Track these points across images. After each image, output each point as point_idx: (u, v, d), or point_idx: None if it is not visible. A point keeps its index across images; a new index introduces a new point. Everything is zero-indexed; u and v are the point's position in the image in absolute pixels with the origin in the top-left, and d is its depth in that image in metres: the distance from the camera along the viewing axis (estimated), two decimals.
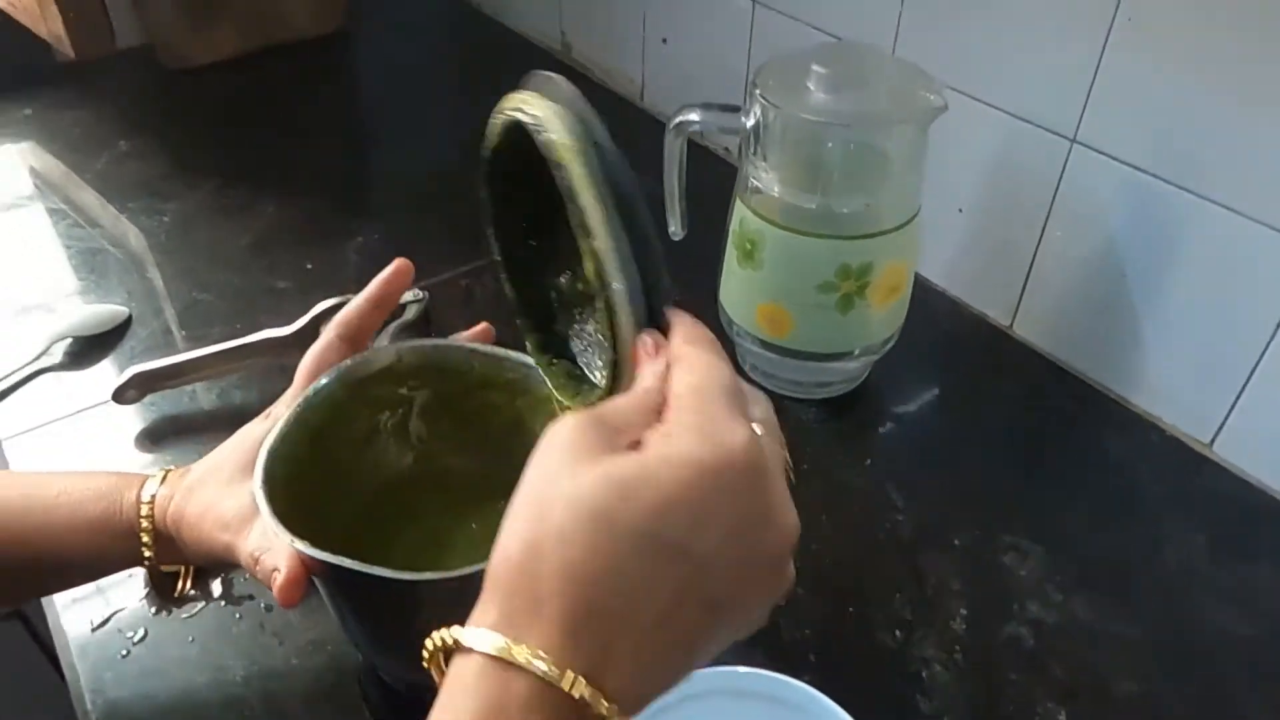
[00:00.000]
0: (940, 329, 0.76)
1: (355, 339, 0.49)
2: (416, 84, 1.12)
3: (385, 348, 0.47)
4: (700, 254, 0.68)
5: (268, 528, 0.38)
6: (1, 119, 1.01)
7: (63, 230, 0.85)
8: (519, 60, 1.18)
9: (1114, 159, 0.63)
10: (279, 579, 0.40)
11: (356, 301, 0.50)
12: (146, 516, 0.45)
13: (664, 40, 0.98)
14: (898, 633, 0.53)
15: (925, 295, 0.78)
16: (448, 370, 0.48)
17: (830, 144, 0.55)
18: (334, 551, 0.45)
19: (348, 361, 0.46)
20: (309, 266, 0.80)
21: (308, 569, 0.40)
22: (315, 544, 0.44)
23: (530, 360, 0.46)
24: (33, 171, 0.94)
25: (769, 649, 0.52)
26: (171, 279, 0.79)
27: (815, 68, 0.56)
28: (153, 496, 0.46)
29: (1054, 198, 0.67)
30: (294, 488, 0.42)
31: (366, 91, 1.14)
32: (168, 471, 0.47)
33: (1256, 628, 0.54)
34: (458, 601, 0.39)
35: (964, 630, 0.53)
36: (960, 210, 0.74)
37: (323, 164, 0.96)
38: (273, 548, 0.41)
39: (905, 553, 0.58)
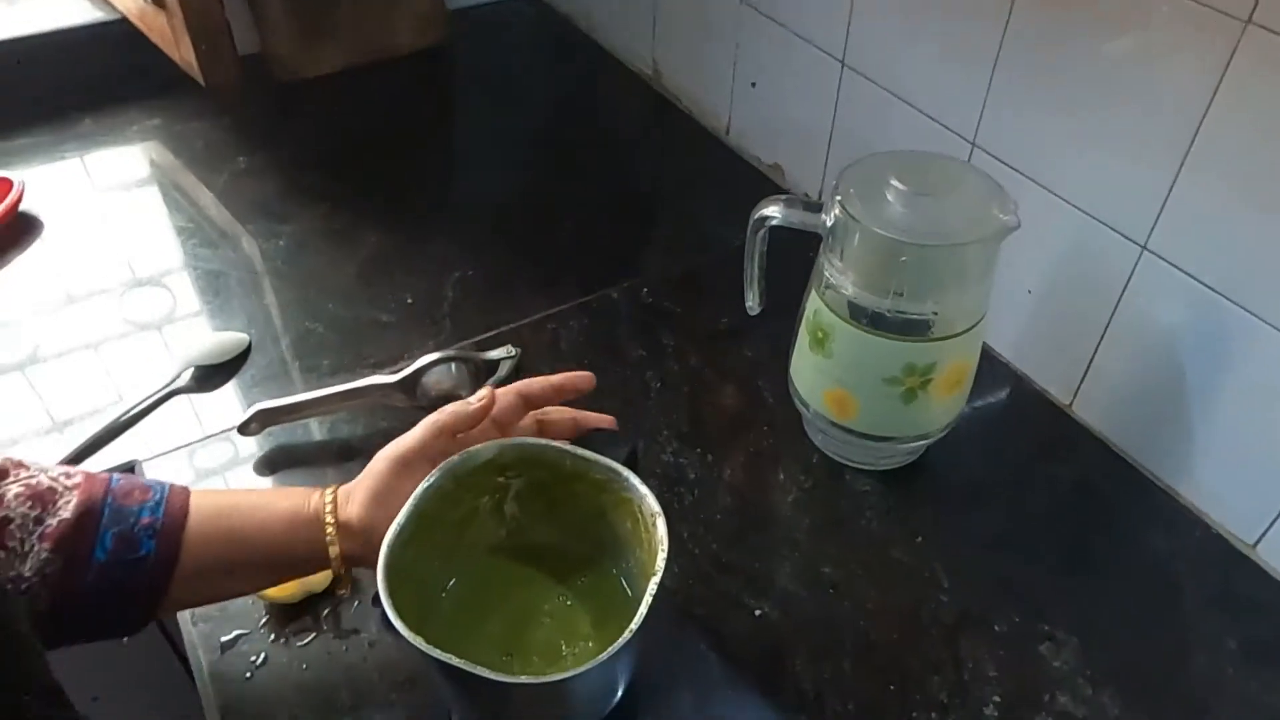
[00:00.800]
0: (1002, 401, 0.79)
1: (531, 404, 0.58)
2: (512, 102, 1.17)
3: (488, 444, 0.53)
4: (776, 316, 0.73)
5: (388, 615, 0.45)
6: (136, 127, 1.09)
7: (189, 249, 0.93)
8: (610, 82, 1.22)
9: (1181, 270, 0.65)
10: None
11: (545, 381, 0.59)
12: (330, 510, 0.53)
13: (753, 84, 1.01)
14: (933, 715, 0.58)
15: (991, 365, 0.81)
16: (542, 464, 0.53)
17: (904, 257, 0.59)
18: (440, 622, 0.51)
19: (455, 458, 0.52)
20: (409, 300, 0.87)
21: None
22: (424, 618, 0.50)
23: (616, 466, 0.51)
24: (156, 168, 1.02)
25: None
26: (286, 306, 0.86)
27: (894, 182, 0.60)
28: (334, 494, 0.54)
29: (1121, 296, 0.69)
30: (408, 570, 0.49)
31: (464, 109, 1.20)
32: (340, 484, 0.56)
33: None
34: (545, 700, 0.45)
35: (996, 718, 0.58)
36: (1029, 291, 0.77)
37: (420, 189, 1.02)
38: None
39: (947, 635, 0.62)
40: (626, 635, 0.44)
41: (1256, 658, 0.61)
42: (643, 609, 0.45)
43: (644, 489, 0.50)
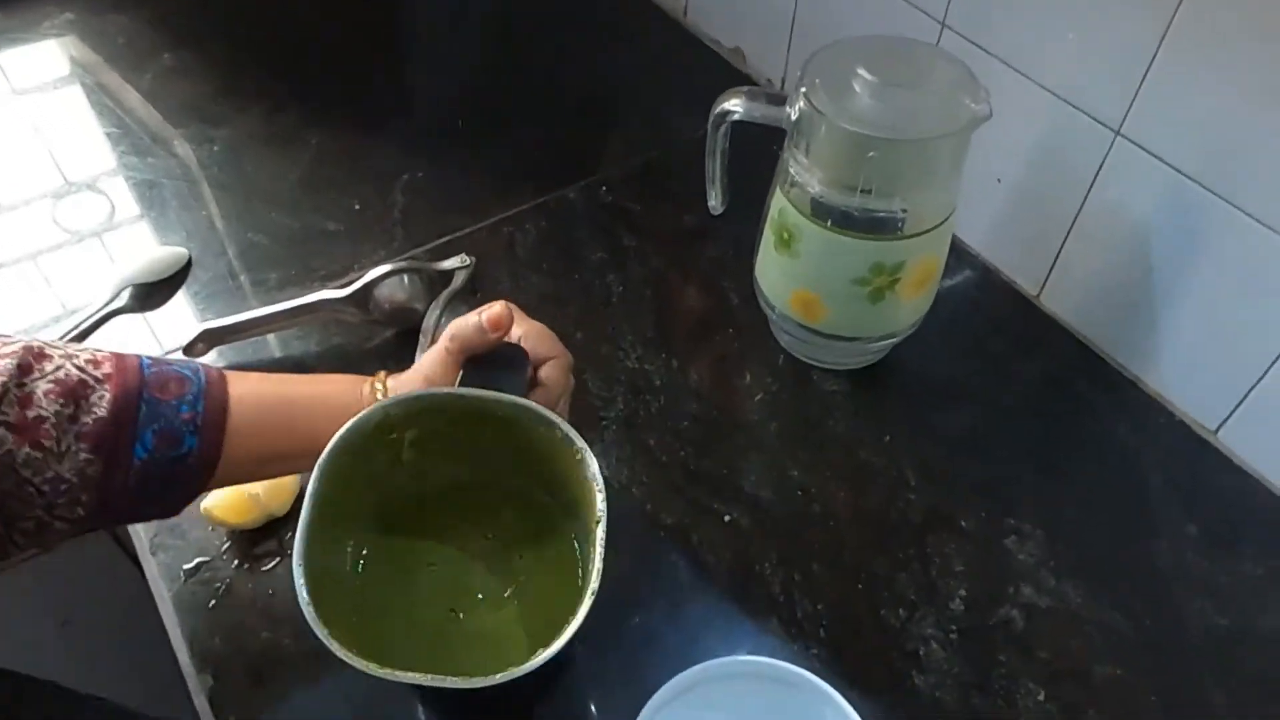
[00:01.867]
0: (969, 294, 0.78)
1: (465, 352, 0.53)
2: None
3: (373, 407, 0.48)
4: (740, 213, 0.70)
5: (315, 632, 0.42)
6: (48, 22, 1.01)
7: (118, 157, 0.87)
8: None
9: (1154, 156, 0.63)
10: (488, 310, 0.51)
11: (475, 324, 0.52)
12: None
13: None
14: (901, 611, 0.59)
15: (959, 258, 0.80)
16: (436, 410, 0.50)
17: (871, 152, 0.56)
18: (371, 596, 0.50)
19: (336, 437, 0.47)
20: (356, 207, 0.83)
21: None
22: (353, 599, 0.48)
23: (521, 401, 0.49)
24: (77, 66, 0.95)
25: (786, 623, 0.58)
26: (227, 217, 0.82)
27: (861, 71, 0.56)
28: (384, 386, 0.52)
29: (1092, 183, 0.68)
30: (325, 564, 0.46)
31: None
32: (389, 371, 0.54)
33: (1232, 620, 0.59)
34: (498, 694, 0.43)
35: (962, 611, 0.59)
36: (999, 180, 0.74)
37: (361, 84, 0.96)
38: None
39: (915, 533, 0.62)
40: (581, 613, 0.43)
41: (1215, 541, 0.62)
42: (594, 578, 0.44)
43: (554, 418, 0.48)
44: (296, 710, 0.54)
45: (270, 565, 0.60)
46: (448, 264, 0.72)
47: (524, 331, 0.54)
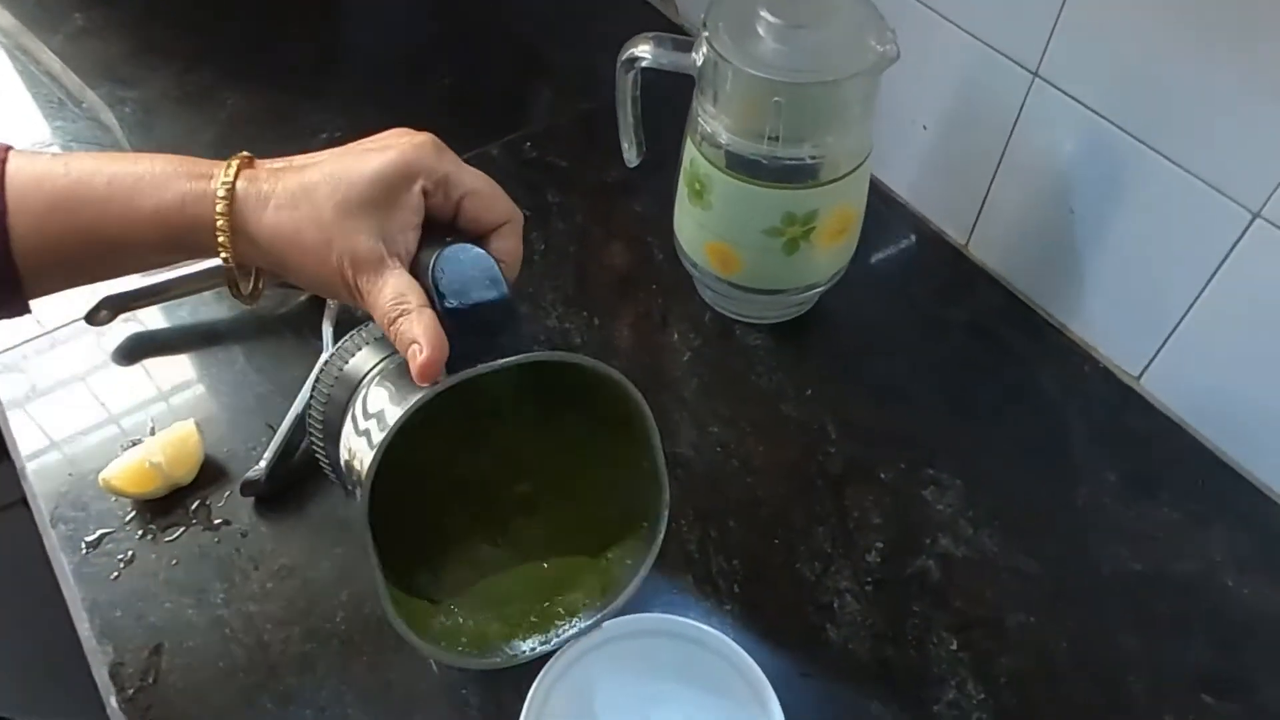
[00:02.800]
0: (898, 244, 0.77)
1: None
2: None
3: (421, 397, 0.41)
4: (668, 166, 0.68)
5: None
6: None
7: (28, 120, 0.84)
8: None
9: (1072, 98, 0.62)
10: (420, 357, 0.40)
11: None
12: (223, 214, 0.43)
13: None
14: (817, 564, 0.58)
15: (888, 206, 0.79)
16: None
17: (777, 98, 0.55)
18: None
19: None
20: None
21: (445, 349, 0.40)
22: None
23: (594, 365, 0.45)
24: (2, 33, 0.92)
25: (700, 578, 0.57)
26: None
27: (764, 14, 0.55)
28: (228, 190, 0.43)
29: (1013, 127, 0.66)
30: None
31: None
32: (242, 161, 0.44)
33: (1145, 565, 0.59)
34: None
35: (878, 563, 0.58)
36: (925, 127, 0.73)
37: (281, 40, 0.93)
38: (410, 309, 0.41)
39: (833, 486, 0.62)
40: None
41: (1134, 488, 0.62)
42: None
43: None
44: (199, 680, 0.53)
45: (174, 535, 0.59)
46: None
47: (470, 188, 0.46)
